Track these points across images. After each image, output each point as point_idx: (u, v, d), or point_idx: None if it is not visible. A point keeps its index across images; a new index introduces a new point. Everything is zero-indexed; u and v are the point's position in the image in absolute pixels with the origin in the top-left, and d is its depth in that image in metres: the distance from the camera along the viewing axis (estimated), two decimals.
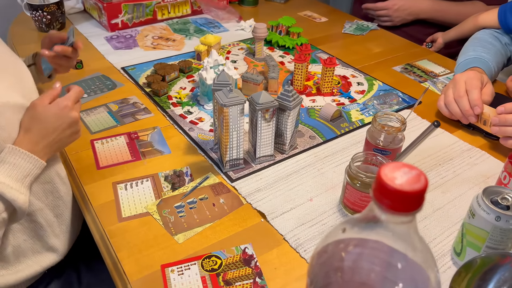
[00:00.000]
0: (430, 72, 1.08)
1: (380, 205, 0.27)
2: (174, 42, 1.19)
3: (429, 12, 1.32)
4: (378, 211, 0.28)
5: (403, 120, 0.67)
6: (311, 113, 0.92)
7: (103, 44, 1.16)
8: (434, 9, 1.32)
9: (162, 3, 1.27)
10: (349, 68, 1.10)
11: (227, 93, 0.69)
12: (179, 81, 1.02)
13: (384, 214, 0.28)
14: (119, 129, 0.85)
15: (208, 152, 0.80)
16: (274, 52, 1.18)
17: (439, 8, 1.32)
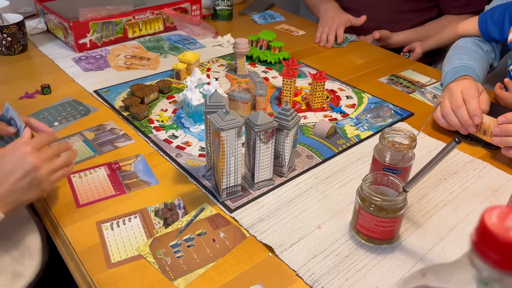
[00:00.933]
0: (416, 82, 1.06)
1: (485, 260, 0.22)
2: (148, 61, 1.12)
3: (408, 42, 1.32)
4: (479, 264, 0.23)
5: (412, 136, 0.64)
6: (305, 131, 0.87)
7: (71, 66, 1.07)
8: (414, 39, 1.32)
9: (133, 21, 1.19)
10: (335, 82, 1.06)
11: (223, 115, 0.63)
12: (159, 103, 0.94)
13: (488, 270, 0.23)
14: (97, 160, 0.76)
15: (200, 180, 0.73)
16: (256, 67, 1.13)
17: (418, 36, 1.32)
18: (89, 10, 1.13)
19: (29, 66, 1.08)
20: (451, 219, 0.66)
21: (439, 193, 0.71)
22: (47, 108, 0.90)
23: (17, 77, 1.02)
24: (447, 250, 0.61)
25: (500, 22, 0.96)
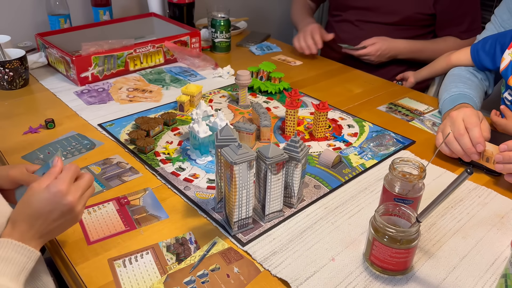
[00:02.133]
0: (415, 110, 1.09)
1: None
2: (151, 93, 1.13)
3: (407, 53, 1.37)
4: None
5: (422, 167, 0.65)
6: (310, 161, 0.88)
7: (73, 99, 1.08)
8: (411, 49, 1.36)
9: (134, 54, 1.21)
10: (336, 111, 1.08)
11: (236, 149, 0.63)
12: (164, 135, 0.95)
13: None
14: (106, 195, 0.76)
15: (210, 213, 0.73)
16: (257, 98, 1.15)
17: (415, 48, 1.37)
18: (91, 44, 1.14)
19: (32, 101, 1.08)
20: (462, 248, 0.67)
21: (447, 221, 0.72)
22: (52, 143, 0.90)
23: (20, 112, 1.02)
24: (460, 279, 0.61)
25: (491, 52, 1.00)
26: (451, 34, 1.36)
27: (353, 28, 1.43)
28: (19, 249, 0.53)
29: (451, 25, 1.35)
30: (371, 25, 1.40)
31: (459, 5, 1.31)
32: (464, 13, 1.33)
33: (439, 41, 1.38)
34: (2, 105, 1.05)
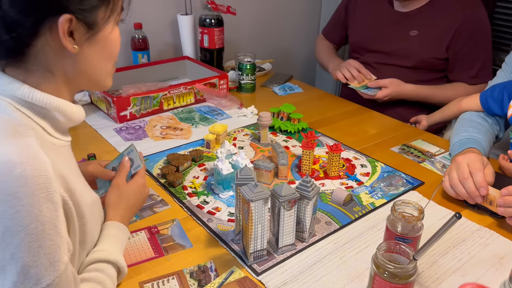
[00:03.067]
0: (426, 152, 1.15)
1: None
2: (181, 131, 1.25)
3: (414, 96, 1.44)
4: None
5: (420, 209, 0.72)
6: (323, 198, 0.95)
7: (113, 136, 1.21)
8: (419, 94, 1.44)
9: (168, 95, 1.34)
10: (350, 151, 1.16)
11: (253, 188, 0.72)
12: (191, 170, 1.05)
13: None
14: (139, 224, 0.86)
15: (229, 244, 0.81)
16: (277, 136, 1.24)
17: (423, 94, 1.44)
18: (131, 87, 1.28)
19: (76, 136, 1.21)
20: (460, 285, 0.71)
21: (448, 260, 0.77)
22: None
23: None
24: None
25: (500, 99, 1.06)
26: (461, 78, 1.43)
27: (371, 70, 1.52)
28: (122, 228, 0.73)
29: (461, 69, 1.42)
30: (388, 67, 1.49)
31: (470, 51, 1.38)
32: (475, 59, 1.39)
33: (448, 87, 1.44)
34: None
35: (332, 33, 1.73)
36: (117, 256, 0.69)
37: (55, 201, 0.53)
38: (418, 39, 1.43)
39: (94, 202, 0.68)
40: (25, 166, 0.50)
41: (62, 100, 0.61)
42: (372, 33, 1.53)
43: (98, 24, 0.60)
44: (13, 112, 0.56)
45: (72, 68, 0.60)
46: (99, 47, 0.62)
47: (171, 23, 1.69)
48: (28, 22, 0.54)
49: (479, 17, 1.39)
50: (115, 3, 0.62)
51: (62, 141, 0.63)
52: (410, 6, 1.45)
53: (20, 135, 0.54)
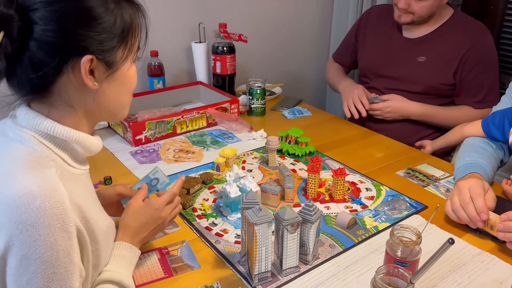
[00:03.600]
0: (431, 176, 1.17)
1: None
2: (193, 154, 1.30)
3: (419, 115, 1.47)
4: None
5: (418, 233, 0.74)
6: (328, 221, 0.99)
7: (128, 159, 1.27)
8: (424, 113, 1.47)
9: (181, 119, 1.40)
10: (356, 174, 1.19)
11: (257, 212, 0.76)
12: (201, 192, 1.10)
13: None
14: (150, 245, 0.90)
15: (235, 265, 0.85)
16: (285, 160, 1.28)
17: (428, 112, 1.47)
18: (146, 112, 1.35)
19: (93, 159, 1.25)
20: None
21: (448, 283, 0.79)
22: None
23: None
24: None
25: (501, 126, 1.08)
26: (467, 103, 1.45)
27: (380, 95, 1.56)
28: (129, 248, 0.76)
29: (467, 94, 1.44)
30: (396, 92, 1.52)
31: (476, 76, 1.41)
32: (481, 84, 1.42)
33: (453, 108, 1.47)
34: None
35: (342, 57, 1.78)
36: (122, 276, 0.72)
37: (69, 231, 0.58)
38: (426, 65, 1.47)
39: (108, 227, 0.73)
40: (44, 198, 0.56)
41: (81, 133, 0.66)
42: (381, 58, 1.57)
43: (117, 63, 0.66)
44: (37, 145, 0.62)
45: (92, 103, 0.66)
46: (118, 83, 0.68)
47: (186, 51, 1.78)
48: (53, 62, 0.60)
49: (486, 43, 1.42)
50: (132, 43, 0.68)
51: (80, 170, 0.69)
52: (418, 32, 1.50)
53: (41, 166, 0.59)
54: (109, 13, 0.62)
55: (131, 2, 0.67)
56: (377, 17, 1.62)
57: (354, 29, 1.72)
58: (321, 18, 2.19)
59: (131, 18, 0.66)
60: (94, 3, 0.61)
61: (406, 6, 1.39)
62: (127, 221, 0.79)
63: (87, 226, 0.64)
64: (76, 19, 0.60)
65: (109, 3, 0.62)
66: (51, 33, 0.58)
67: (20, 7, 0.58)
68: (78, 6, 0.60)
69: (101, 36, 0.61)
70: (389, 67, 1.55)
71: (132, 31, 0.67)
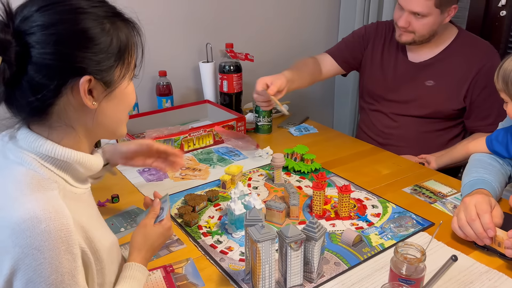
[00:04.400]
0: (438, 193, 1.16)
1: None
2: (200, 171, 1.31)
3: None
4: None
5: (422, 251, 0.74)
6: (333, 238, 0.98)
7: (136, 177, 1.28)
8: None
9: (188, 137, 1.42)
10: (362, 191, 1.19)
11: (260, 229, 0.77)
12: (207, 210, 1.10)
13: None
14: (155, 263, 0.91)
15: (240, 283, 0.84)
16: (291, 177, 1.28)
17: None
18: (154, 131, 1.37)
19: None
20: None
21: None
22: (115, 216, 1.09)
23: (92, 188, 1.22)
24: None
25: (504, 143, 1.07)
26: (477, 125, 1.43)
27: (387, 119, 1.55)
28: (141, 269, 0.77)
29: (477, 118, 1.42)
30: (405, 118, 1.51)
31: (486, 99, 1.38)
32: (491, 107, 1.38)
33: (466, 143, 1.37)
34: None
35: (338, 51, 1.65)
36: None
37: (74, 253, 0.58)
38: (435, 90, 1.44)
39: (112, 244, 0.73)
40: (49, 221, 0.56)
41: (82, 154, 0.67)
42: (386, 83, 1.54)
43: (115, 82, 0.66)
44: (38, 167, 0.62)
45: (91, 122, 0.67)
46: (116, 101, 0.68)
47: (193, 70, 1.81)
48: (51, 85, 0.60)
49: (495, 65, 1.40)
50: (129, 62, 0.68)
51: (82, 189, 0.69)
52: (424, 55, 1.47)
53: (44, 189, 0.60)
54: (105, 33, 0.63)
55: (126, 21, 0.68)
56: (385, 35, 1.57)
57: (360, 35, 1.62)
58: (326, 38, 2.21)
59: (127, 37, 0.67)
60: (90, 25, 0.61)
61: (406, 24, 1.37)
62: (141, 242, 0.80)
63: (91, 246, 0.64)
64: (73, 41, 0.60)
65: (104, 24, 0.63)
66: (48, 56, 0.59)
67: (17, 32, 0.58)
68: (74, 28, 0.61)
69: (98, 56, 0.62)
70: (395, 92, 1.52)
71: (128, 49, 0.67)
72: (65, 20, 0.60)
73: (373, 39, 1.60)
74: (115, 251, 0.76)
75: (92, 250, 0.65)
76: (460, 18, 1.91)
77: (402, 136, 1.53)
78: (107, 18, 0.64)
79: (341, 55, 1.65)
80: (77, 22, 0.61)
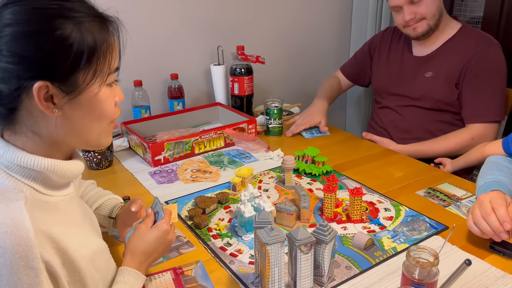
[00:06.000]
0: (452, 196, 1.14)
1: None
2: (210, 174, 1.31)
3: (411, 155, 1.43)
4: None
5: (435, 255, 0.72)
6: (344, 242, 0.97)
7: (147, 179, 1.29)
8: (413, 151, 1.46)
9: (199, 140, 1.42)
10: (374, 194, 1.17)
11: (269, 231, 0.76)
12: (217, 212, 1.10)
13: None
14: (165, 265, 0.91)
15: (249, 287, 0.84)
16: (301, 179, 1.27)
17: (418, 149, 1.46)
18: (165, 133, 1.38)
19: (114, 180, 1.31)
20: None
21: None
22: None
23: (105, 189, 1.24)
24: None
25: None
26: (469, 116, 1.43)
27: (394, 114, 1.56)
28: (134, 274, 0.75)
29: (467, 106, 1.43)
30: (409, 109, 1.55)
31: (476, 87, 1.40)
32: (481, 96, 1.39)
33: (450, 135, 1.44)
34: None
35: (349, 69, 1.80)
36: None
37: (35, 267, 0.54)
38: (432, 80, 1.48)
39: (98, 251, 0.70)
40: (4, 236, 0.53)
41: (51, 161, 0.62)
42: (393, 78, 1.59)
43: (77, 88, 0.60)
44: (4, 177, 0.59)
45: (56, 130, 0.62)
46: (84, 109, 0.63)
47: (205, 73, 1.82)
48: (8, 89, 0.57)
49: (489, 54, 1.39)
50: (98, 66, 0.62)
51: (58, 197, 0.65)
52: (428, 49, 1.51)
53: (7, 200, 0.57)
54: (66, 35, 0.57)
55: (101, 21, 0.62)
56: (391, 38, 1.65)
57: (366, 46, 1.74)
58: (339, 39, 2.20)
59: (95, 39, 0.60)
60: (49, 26, 0.57)
61: (412, 15, 1.41)
62: (136, 244, 0.78)
63: (64, 257, 0.60)
64: (26, 43, 0.56)
65: (67, 24, 0.58)
66: (4, 59, 0.56)
67: None
68: (28, 29, 0.56)
69: (55, 60, 0.57)
70: (400, 85, 1.57)
71: (98, 53, 0.61)
72: (22, 20, 0.56)
73: (379, 44, 1.68)
74: (102, 258, 0.72)
75: (67, 261, 0.61)
76: (475, 18, 1.88)
77: (407, 129, 1.55)
78: (72, 18, 0.58)
79: (353, 72, 1.79)
80: (33, 22, 0.57)
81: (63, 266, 0.60)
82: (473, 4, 1.97)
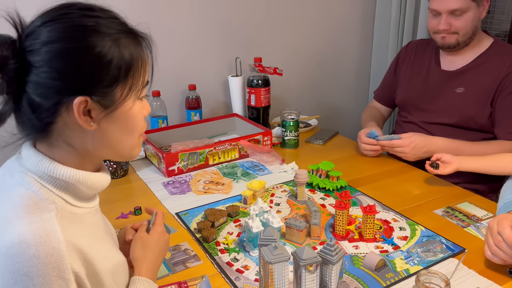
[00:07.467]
0: (472, 216, 1.09)
1: None
2: (223, 186, 1.30)
3: (445, 150, 1.33)
4: None
5: (446, 280, 0.68)
6: (355, 261, 0.93)
7: (160, 189, 1.29)
8: (450, 147, 1.35)
9: (214, 151, 1.42)
10: (390, 212, 1.13)
11: (272, 250, 0.74)
12: (226, 226, 1.09)
13: None
14: (170, 278, 0.90)
15: None
16: (315, 194, 1.25)
17: (454, 147, 1.35)
18: (180, 144, 1.38)
19: (128, 189, 1.32)
20: None
21: None
22: None
23: (117, 199, 1.25)
24: None
25: None
26: (500, 133, 1.36)
27: (417, 129, 1.50)
28: (146, 283, 0.75)
29: (500, 124, 1.36)
30: (435, 126, 1.47)
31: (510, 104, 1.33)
32: None
33: (482, 142, 1.38)
34: (104, 192, 1.28)
35: (382, 95, 1.73)
36: None
37: (66, 278, 0.56)
38: (464, 96, 1.41)
39: (119, 265, 0.71)
40: (39, 246, 0.54)
41: (83, 173, 0.64)
42: (418, 92, 1.53)
43: (115, 103, 0.63)
44: (38, 188, 0.61)
45: (91, 143, 0.64)
46: (119, 123, 0.65)
47: (222, 84, 1.82)
48: (48, 104, 0.59)
49: None
50: (134, 81, 0.64)
51: (85, 209, 0.67)
52: (458, 63, 1.45)
53: (40, 211, 0.58)
54: (105, 52, 0.60)
55: (135, 37, 0.65)
56: (415, 52, 1.59)
57: (392, 66, 1.68)
58: (360, 49, 2.17)
59: (131, 55, 0.63)
60: (88, 43, 0.59)
61: (448, 26, 1.36)
62: (141, 253, 0.78)
63: (89, 268, 0.61)
64: (67, 60, 0.58)
65: (105, 41, 0.60)
66: (44, 75, 0.58)
67: (20, 48, 0.58)
68: (70, 46, 0.58)
69: (95, 76, 0.60)
70: (427, 100, 1.50)
71: (133, 68, 0.64)
72: (62, 38, 0.58)
73: (402, 60, 1.63)
74: (122, 271, 0.73)
75: (91, 273, 0.62)
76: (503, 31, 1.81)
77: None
78: (109, 35, 0.61)
79: (385, 96, 1.72)
80: (73, 40, 0.59)
81: (88, 278, 0.61)
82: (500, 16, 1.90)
